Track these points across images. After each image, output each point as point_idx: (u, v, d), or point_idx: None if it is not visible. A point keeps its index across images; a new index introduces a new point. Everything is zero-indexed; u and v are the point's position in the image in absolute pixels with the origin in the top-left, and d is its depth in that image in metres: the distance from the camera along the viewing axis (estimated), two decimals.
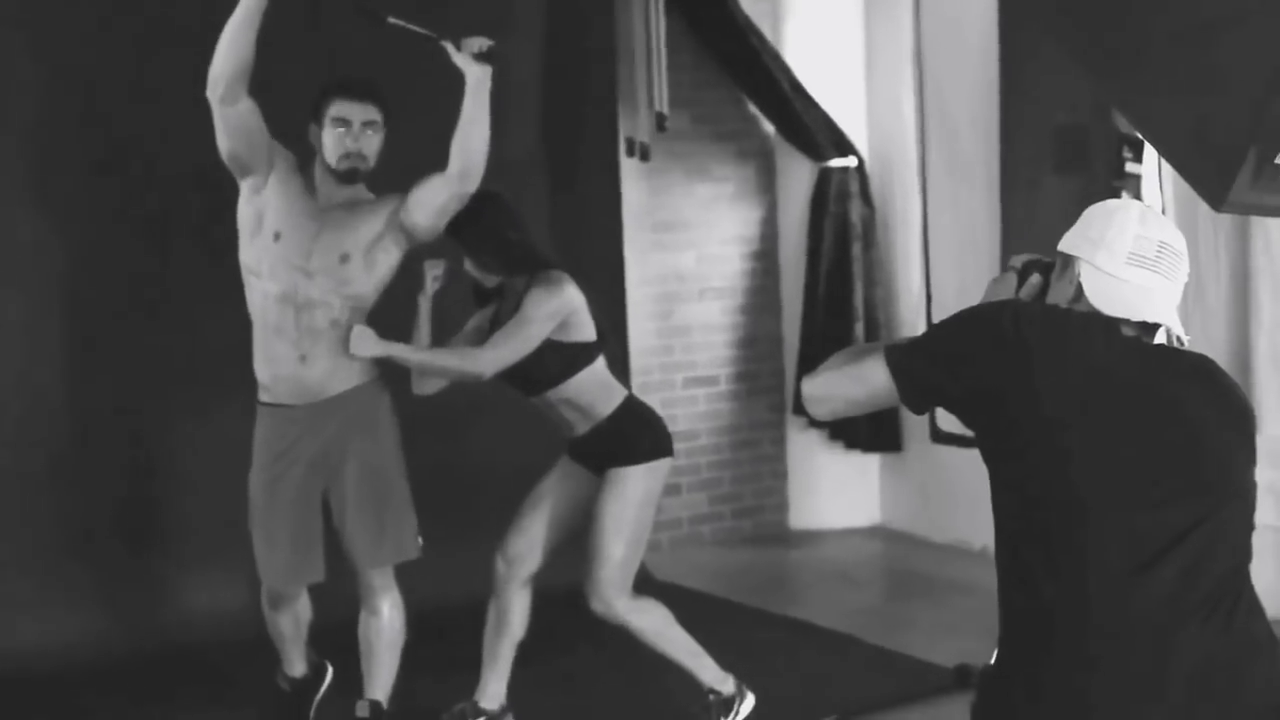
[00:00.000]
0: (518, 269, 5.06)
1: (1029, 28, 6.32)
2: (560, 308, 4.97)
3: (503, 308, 5.11)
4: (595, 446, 5.15)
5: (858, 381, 2.88)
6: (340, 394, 4.89)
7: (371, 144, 4.87)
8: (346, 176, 4.87)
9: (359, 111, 4.84)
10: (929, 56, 7.61)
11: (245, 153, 4.82)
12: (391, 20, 4.79)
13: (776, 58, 7.71)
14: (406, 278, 5.00)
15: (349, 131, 4.83)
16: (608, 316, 5.30)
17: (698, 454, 7.93)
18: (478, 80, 4.76)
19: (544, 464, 5.29)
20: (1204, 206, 4.04)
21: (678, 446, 5.42)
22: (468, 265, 5.10)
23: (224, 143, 4.82)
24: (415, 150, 4.87)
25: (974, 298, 3.06)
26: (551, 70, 6.98)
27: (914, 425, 7.75)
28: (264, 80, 4.75)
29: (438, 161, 4.80)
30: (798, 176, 8.06)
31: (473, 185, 4.82)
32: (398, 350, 4.91)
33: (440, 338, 5.11)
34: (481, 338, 5.09)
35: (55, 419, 5.99)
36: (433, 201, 4.85)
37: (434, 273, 5.11)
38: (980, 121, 7.23)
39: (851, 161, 7.90)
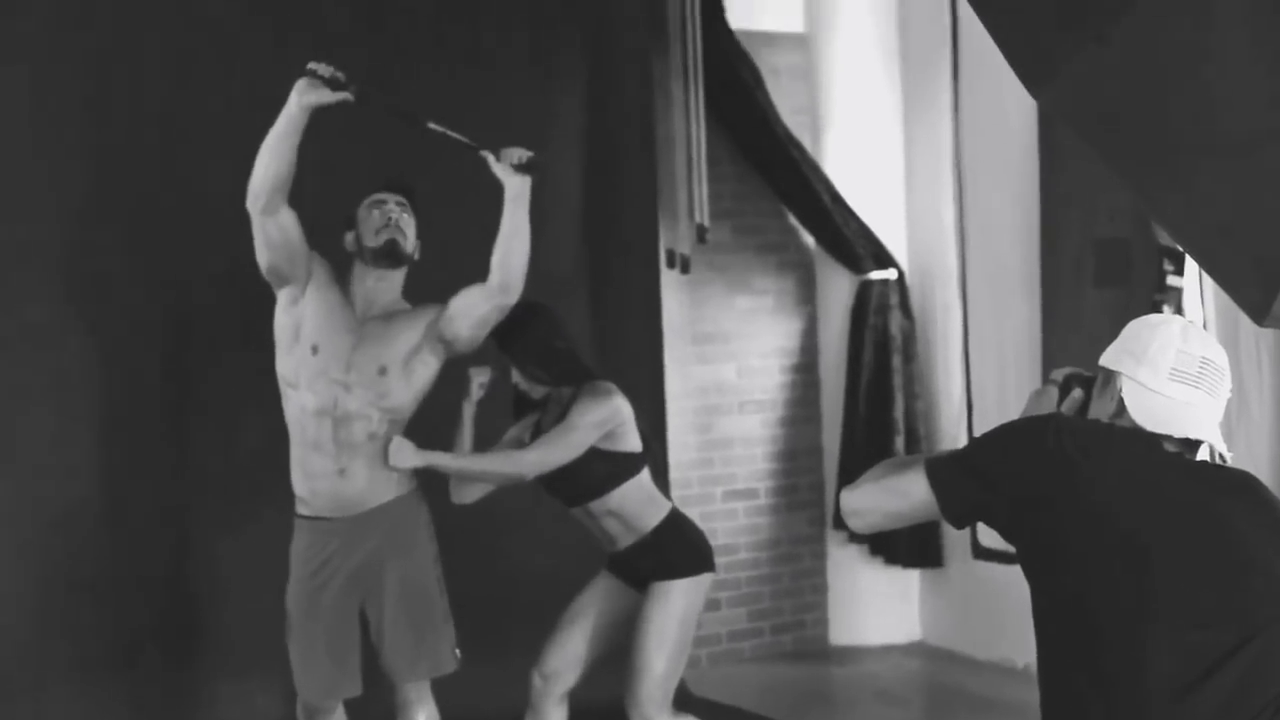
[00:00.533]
0: (565, 379, 5.06)
1: (1069, 139, 6.31)
2: (608, 418, 4.97)
3: (545, 419, 5.11)
4: (638, 561, 5.12)
5: (898, 494, 2.86)
6: (379, 506, 4.88)
7: (408, 223, 4.90)
8: (387, 252, 4.86)
9: (392, 196, 4.91)
10: (969, 168, 7.63)
11: (284, 263, 4.84)
12: (431, 125, 4.82)
13: (816, 169, 7.75)
14: (445, 387, 5.00)
15: (384, 210, 4.86)
16: (648, 429, 5.29)
17: (737, 568, 7.88)
18: (517, 192, 4.78)
19: (581, 576, 5.26)
20: (1246, 320, 4.00)
21: (716, 561, 5.39)
22: (515, 376, 5.10)
23: (263, 254, 4.84)
24: (453, 261, 4.90)
25: (1015, 411, 3.04)
26: (591, 181, 7.01)
27: (955, 541, 7.68)
28: (300, 190, 4.78)
29: (474, 273, 4.82)
30: (838, 288, 8.06)
31: (514, 297, 4.83)
32: (437, 459, 4.91)
33: (479, 448, 5.10)
34: (517, 448, 5.09)
35: (93, 529, 5.98)
36: (472, 313, 4.85)
37: (479, 380, 5.11)
38: (1021, 233, 7.22)
39: (891, 273, 7.91)
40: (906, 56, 8.02)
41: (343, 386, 4.81)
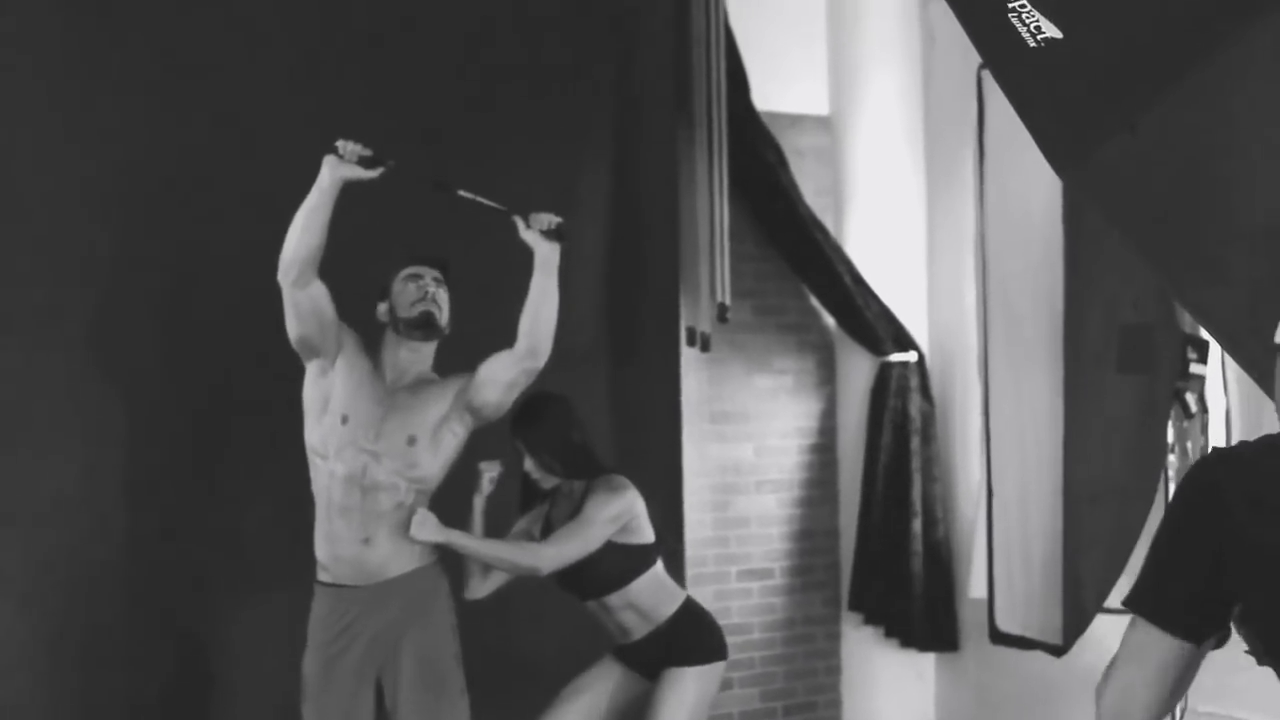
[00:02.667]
0: (578, 472, 5.09)
1: (1094, 224, 6.32)
2: (623, 511, 5.00)
3: (554, 511, 5.13)
4: (652, 649, 5.14)
5: (1137, 659, 2.53)
6: (400, 576, 4.89)
7: (443, 298, 4.93)
8: (421, 324, 4.90)
9: (429, 270, 4.94)
10: (992, 251, 7.61)
11: (315, 335, 4.86)
12: (462, 193, 4.87)
13: (838, 251, 7.76)
14: (458, 474, 5.01)
15: (420, 284, 4.90)
16: (664, 507, 5.30)
17: (751, 648, 7.84)
18: (546, 257, 4.82)
19: (594, 653, 5.24)
20: (1270, 411, 4.00)
21: (730, 640, 5.38)
22: (527, 465, 5.12)
23: (293, 326, 4.86)
24: (480, 334, 4.92)
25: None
26: (614, 257, 7.02)
27: (972, 624, 7.64)
28: (326, 259, 4.81)
29: (502, 345, 4.84)
30: (858, 370, 8.06)
31: (541, 360, 4.85)
32: (457, 537, 4.91)
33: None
34: (529, 541, 5.10)
35: (108, 592, 5.97)
36: (501, 378, 4.88)
37: (490, 474, 5.13)
38: (1043, 317, 7.20)
39: (912, 356, 7.91)
40: (931, 139, 8.05)
41: (372, 456, 4.83)
